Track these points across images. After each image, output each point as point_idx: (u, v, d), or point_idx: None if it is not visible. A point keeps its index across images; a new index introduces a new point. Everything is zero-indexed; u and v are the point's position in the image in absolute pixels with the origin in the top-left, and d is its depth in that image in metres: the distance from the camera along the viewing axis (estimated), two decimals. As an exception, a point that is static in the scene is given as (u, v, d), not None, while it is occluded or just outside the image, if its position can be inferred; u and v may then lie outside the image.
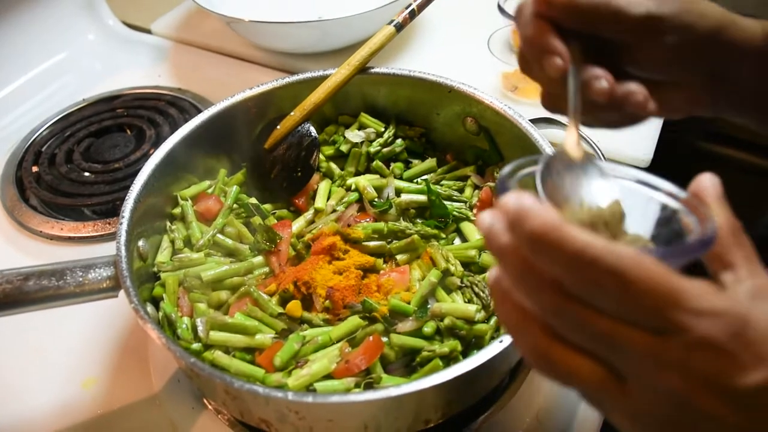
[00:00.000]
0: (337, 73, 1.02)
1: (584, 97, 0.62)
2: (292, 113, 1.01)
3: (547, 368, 0.47)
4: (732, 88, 0.69)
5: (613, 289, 0.41)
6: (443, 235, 0.96)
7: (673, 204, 0.53)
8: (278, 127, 1.01)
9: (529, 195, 0.44)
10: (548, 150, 0.89)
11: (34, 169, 1.24)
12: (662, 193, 0.54)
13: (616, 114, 0.68)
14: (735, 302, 0.43)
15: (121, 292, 0.80)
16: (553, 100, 0.70)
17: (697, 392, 0.42)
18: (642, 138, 1.20)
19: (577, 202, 0.54)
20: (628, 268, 0.41)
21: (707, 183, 0.52)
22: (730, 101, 0.70)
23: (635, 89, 0.64)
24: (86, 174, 1.22)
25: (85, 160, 1.25)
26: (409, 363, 0.82)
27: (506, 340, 0.70)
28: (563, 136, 0.60)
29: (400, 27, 1.05)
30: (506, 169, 0.54)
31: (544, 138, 0.90)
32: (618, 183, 0.56)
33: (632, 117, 0.70)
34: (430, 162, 1.05)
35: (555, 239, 0.42)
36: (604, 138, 0.92)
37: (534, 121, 0.94)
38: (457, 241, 0.97)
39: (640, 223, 0.53)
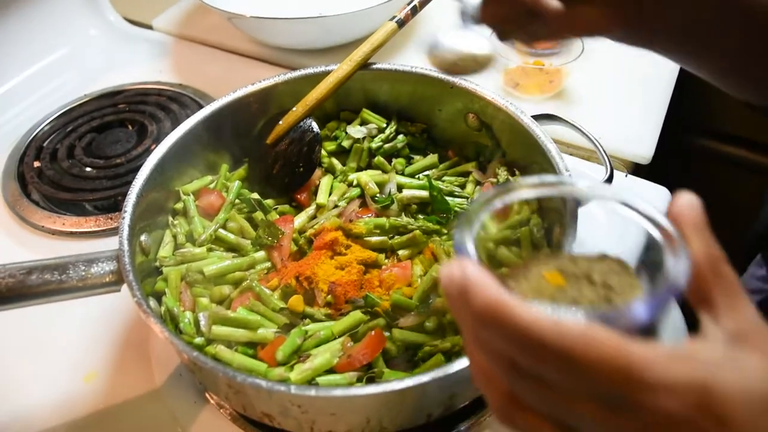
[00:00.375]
0: (339, 69, 1.02)
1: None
2: (294, 108, 1.01)
3: (512, 427, 0.46)
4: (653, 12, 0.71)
5: (562, 370, 0.40)
6: (445, 231, 0.96)
7: (653, 232, 0.49)
8: (280, 122, 1.01)
9: (473, 264, 0.43)
10: (550, 146, 0.89)
11: (36, 164, 1.24)
12: (644, 218, 0.49)
13: (541, 26, 0.71)
14: (696, 368, 0.39)
15: (124, 287, 0.80)
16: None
17: None
18: (643, 136, 1.20)
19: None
20: (575, 347, 0.39)
21: (684, 207, 0.47)
22: (654, 30, 0.73)
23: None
24: (88, 169, 1.22)
25: (87, 155, 1.25)
26: (411, 358, 0.82)
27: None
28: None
29: (402, 23, 1.05)
30: (461, 219, 0.50)
31: (545, 134, 0.90)
32: (601, 205, 0.53)
33: (548, 32, 0.73)
34: (432, 158, 1.05)
35: (498, 319, 0.40)
36: (605, 135, 0.93)
37: (536, 117, 0.94)
38: (459, 236, 0.97)
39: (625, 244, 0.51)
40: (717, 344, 0.42)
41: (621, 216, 0.51)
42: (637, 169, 1.21)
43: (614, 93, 1.30)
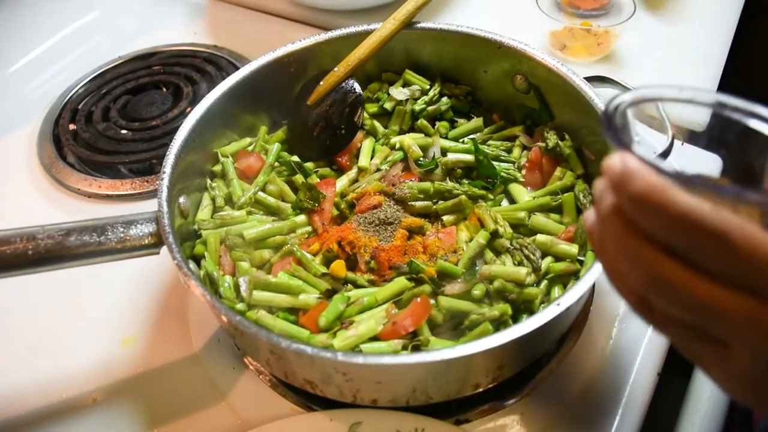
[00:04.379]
0: (383, 28, 0.98)
1: None
2: (335, 69, 0.98)
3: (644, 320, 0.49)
4: None
5: (716, 251, 0.41)
6: (491, 197, 0.93)
7: None
8: (321, 83, 0.98)
9: (633, 156, 0.45)
10: (603, 109, 0.85)
11: (71, 126, 1.23)
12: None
13: None
14: None
15: (163, 249, 0.78)
16: None
17: None
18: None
19: None
20: (732, 231, 0.40)
21: None
22: None
23: None
24: (123, 132, 1.20)
25: (122, 117, 1.23)
26: (456, 326, 0.80)
27: (564, 303, 0.68)
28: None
29: (447, -20, 1.01)
30: (613, 103, 0.51)
31: (599, 96, 0.86)
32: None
33: None
34: (477, 121, 1.02)
35: (660, 201, 0.42)
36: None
37: (588, 79, 0.90)
38: (505, 203, 0.94)
39: None
40: None
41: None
42: (691, 137, 1.16)
43: (666, 56, 1.25)
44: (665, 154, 0.81)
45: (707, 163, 1.04)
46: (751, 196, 0.42)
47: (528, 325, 0.66)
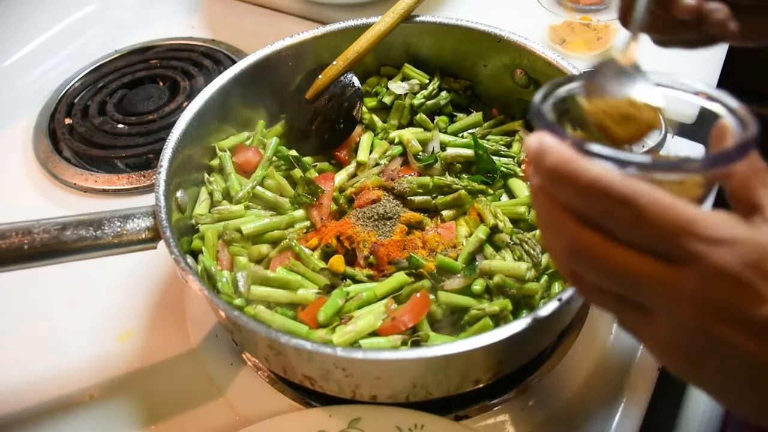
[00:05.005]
0: (381, 22, 0.97)
1: (666, 14, 0.63)
2: (334, 62, 0.97)
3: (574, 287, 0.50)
4: None
5: (626, 217, 0.42)
6: (491, 191, 0.92)
7: (717, 109, 0.51)
8: (320, 77, 0.98)
9: (548, 134, 0.46)
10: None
11: (67, 120, 1.22)
12: (715, 103, 0.52)
13: (694, 34, 0.68)
14: (754, 232, 0.42)
15: (160, 244, 0.77)
16: (627, 12, 0.69)
17: (714, 323, 0.41)
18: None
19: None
20: (639, 197, 0.41)
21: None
22: None
23: (717, 7, 0.63)
24: (120, 126, 1.19)
25: (119, 111, 1.22)
26: (456, 321, 0.79)
27: (564, 298, 0.67)
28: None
29: (446, -27, 1.00)
30: (539, 93, 0.53)
31: (599, 90, 0.86)
32: (665, 91, 0.55)
33: (709, 38, 0.69)
34: (476, 116, 1.01)
35: (570, 171, 0.44)
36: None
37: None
38: (504, 197, 0.94)
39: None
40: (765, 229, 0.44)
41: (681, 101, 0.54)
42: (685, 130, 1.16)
43: (665, 51, 1.23)
44: (659, 146, 0.81)
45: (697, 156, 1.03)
46: (690, 164, 0.45)
47: (528, 320, 0.65)
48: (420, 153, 0.95)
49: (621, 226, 0.43)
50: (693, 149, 1.05)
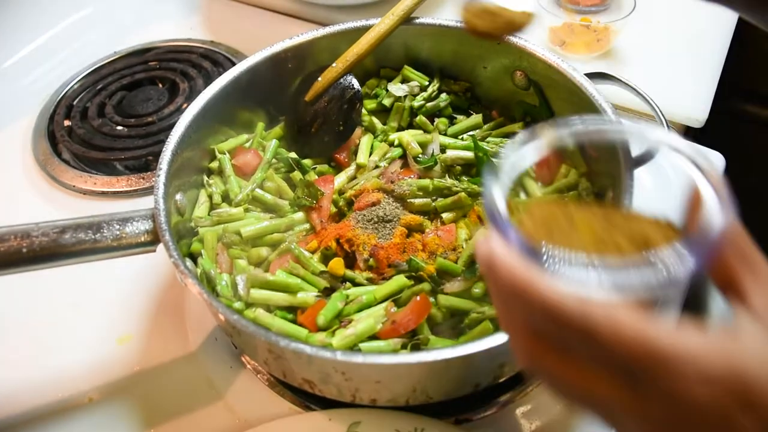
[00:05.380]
0: (381, 24, 0.97)
1: None
2: (333, 64, 0.97)
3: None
4: None
5: (584, 345, 0.40)
6: (491, 194, 0.92)
7: (699, 182, 0.46)
8: (319, 79, 0.97)
9: (498, 240, 0.43)
10: (604, 105, 0.84)
11: (66, 122, 1.22)
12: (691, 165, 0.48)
13: None
14: (733, 347, 0.38)
15: (160, 247, 0.77)
16: None
17: None
18: (696, 98, 1.14)
19: None
20: (597, 326, 0.39)
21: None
22: None
23: None
24: (119, 128, 1.19)
25: (118, 113, 1.22)
26: (456, 325, 0.79)
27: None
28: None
29: (446, -25, 1.00)
30: (489, 176, 0.47)
31: (599, 93, 0.86)
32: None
33: None
34: (476, 118, 1.01)
35: (521, 291, 0.41)
36: (656, 98, 0.88)
37: (589, 75, 0.89)
38: (505, 199, 0.93)
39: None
40: (747, 328, 0.40)
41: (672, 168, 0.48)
42: (688, 133, 1.16)
43: (666, 53, 1.24)
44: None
45: (707, 160, 1.03)
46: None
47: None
48: (420, 155, 0.95)
49: (581, 351, 0.41)
50: (696, 150, 1.04)
